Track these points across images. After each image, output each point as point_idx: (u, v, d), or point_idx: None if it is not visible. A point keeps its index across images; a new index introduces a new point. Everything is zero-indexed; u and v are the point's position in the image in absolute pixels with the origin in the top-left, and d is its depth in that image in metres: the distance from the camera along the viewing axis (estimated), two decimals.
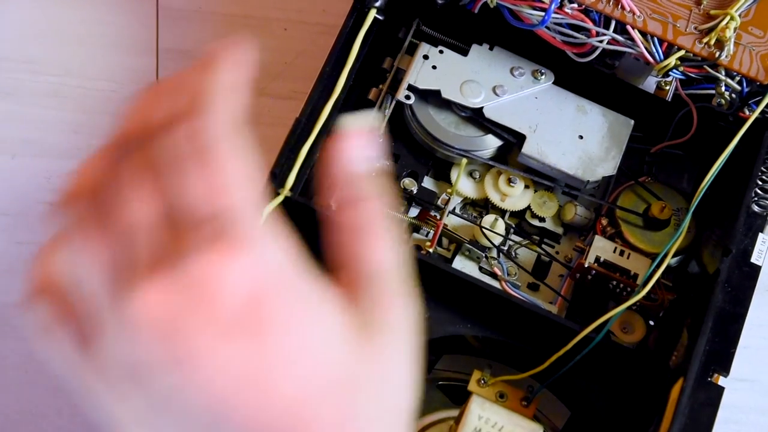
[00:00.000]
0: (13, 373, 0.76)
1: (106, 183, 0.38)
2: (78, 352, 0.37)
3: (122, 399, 0.37)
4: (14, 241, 0.79)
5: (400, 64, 0.75)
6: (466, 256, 0.72)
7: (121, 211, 0.36)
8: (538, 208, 0.74)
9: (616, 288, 0.70)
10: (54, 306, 0.39)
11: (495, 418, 0.64)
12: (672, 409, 0.62)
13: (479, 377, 0.68)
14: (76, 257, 0.37)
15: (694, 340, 0.64)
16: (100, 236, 0.37)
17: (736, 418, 0.77)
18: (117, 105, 0.84)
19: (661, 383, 0.65)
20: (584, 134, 0.73)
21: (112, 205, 0.37)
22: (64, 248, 0.38)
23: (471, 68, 0.74)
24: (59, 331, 0.38)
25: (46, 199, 0.80)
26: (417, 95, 0.73)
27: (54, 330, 0.38)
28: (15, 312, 0.77)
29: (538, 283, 0.72)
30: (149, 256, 0.36)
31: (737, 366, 0.67)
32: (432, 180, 0.75)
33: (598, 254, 0.70)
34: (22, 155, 0.82)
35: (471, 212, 0.74)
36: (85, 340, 0.37)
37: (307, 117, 0.68)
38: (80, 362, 0.38)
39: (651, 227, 0.71)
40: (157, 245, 0.36)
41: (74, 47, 0.85)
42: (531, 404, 0.68)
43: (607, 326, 0.65)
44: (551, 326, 0.66)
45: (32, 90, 0.84)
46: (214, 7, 0.87)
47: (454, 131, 0.73)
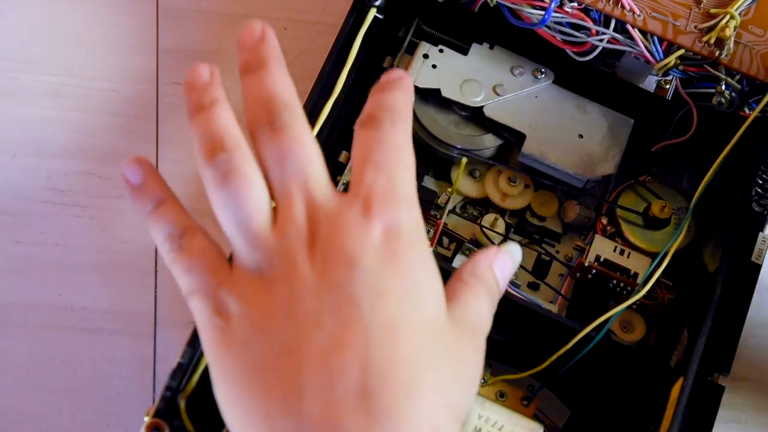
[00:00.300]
0: (12, 373, 0.76)
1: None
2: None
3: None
4: (14, 241, 0.79)
5: (400, 63, 0.75)
6: (466, 255, 0.72)
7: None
8: (539, 207, 0.74)
9: (617, 287, 0.70)
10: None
11: (495, 417, 0.64)
12: (672, 408, 0.62)
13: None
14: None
15: (694, 340, 0.64)
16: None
17: (737, 417, 0.77)
18: (117, 105, 0.84)
19: (661, 383, 0.65)
20: (584, 133, 0.73)
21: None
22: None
23: (471, 67, 0.74)
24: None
25: (46, 199, 0.80)
26: (417, 94, 0.73)
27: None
28: (15, 312, 0.77)
29: (538, 282, 0.72)
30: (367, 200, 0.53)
31: (738, 366, 0.67)
32: (432, 179, 0.75)
33: (598, 253, 0.70)
34: (22, 155, 0.82)
35: (471, 211, 0.74)
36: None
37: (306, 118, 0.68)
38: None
39: (651, 226, 0.71)
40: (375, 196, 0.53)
41: (74, 47, 0.85)
42: (531, 403, 0.68)
43: (607, 325, 0.65)
44: (551, 325, 0.66)
45: (32, 90, 0.84)
46: (214, 7, 0.87)
47: (454, 130, 0.73)
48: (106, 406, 0.75)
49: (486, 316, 0.57)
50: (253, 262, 0.53)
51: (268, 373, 0.51)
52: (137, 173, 0.56)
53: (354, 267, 0.52)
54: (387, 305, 0.51)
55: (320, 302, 0.51)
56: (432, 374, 0.52)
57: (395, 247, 0.53)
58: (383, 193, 0.53)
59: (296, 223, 0.53)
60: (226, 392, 0.52)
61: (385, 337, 0.51)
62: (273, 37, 0.59)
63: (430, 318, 0.53)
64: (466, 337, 0.55)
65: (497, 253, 0.59)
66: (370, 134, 0.55)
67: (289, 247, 0.53)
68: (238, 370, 0.52)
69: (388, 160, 0.54)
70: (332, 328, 0.51)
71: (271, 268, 0.53)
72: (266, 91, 0.55)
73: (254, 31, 0.59)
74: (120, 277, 0.79)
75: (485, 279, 0.58)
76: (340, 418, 0.49)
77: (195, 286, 0.54)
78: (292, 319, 0.51)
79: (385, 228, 0.53)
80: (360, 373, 0.50)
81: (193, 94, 0.57)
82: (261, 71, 0.56)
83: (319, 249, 0.52)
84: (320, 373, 0.50)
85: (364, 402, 0.49)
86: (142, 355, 0.77)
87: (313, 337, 0.51)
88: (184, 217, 0.56)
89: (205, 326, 0.53)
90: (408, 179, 0.55)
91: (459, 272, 0.57)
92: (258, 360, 0.51)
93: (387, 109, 0.56)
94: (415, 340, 0.52)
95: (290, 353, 0.51)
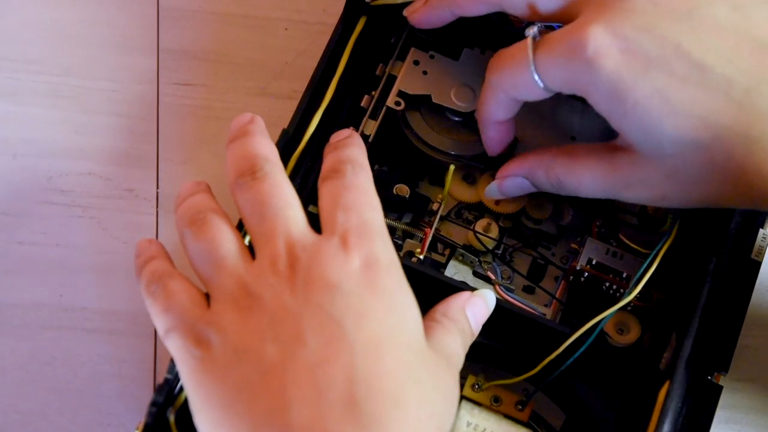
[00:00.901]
0: (13, 373, 0.76)
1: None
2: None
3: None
4: (14, 241, 0.80)
5: (392, 70, 0.75)
6: (459, 260, 0.72)
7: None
8: (533, 210, 0.73)
9: (610, 290, 0.70)
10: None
11: (484, 424, 0.64)
12: (658, 412, 0.62)
13: (473, 382, 0.68)
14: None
15: (681, 342, 0.64)
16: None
17: (736, 418, 0.77)
18: (117, 105, 0.84)
19: (651, 385, 0.64)
20: (576, 135, 0.73)
21: None
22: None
23: (462, 72, 0.74)
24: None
25: (46, 199, 0.81)
26: (408, 101, 0.73)
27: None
28: (15, 312, 0.78)
29: (533, 286, 0.72)
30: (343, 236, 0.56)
31: (738, 366, 0.67)
32: (427, 185, 0.75)
33: (590, 256, 0.70)
34: (23, 155, 0.82)
35: (467, 216, 0.74)
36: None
37: (295, 127, 0.68)
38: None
39: (647, 227, 0.71)
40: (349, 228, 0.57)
41: (74, 47, 0.86)
42: (526, 408, 0.68)
43: (599, 327, 0.65)
44: (542, 330, 0.66)
45: (32, 90, 0.84)
46: (214, 7, 0.87)
47: (446, 136, 0.73)
48: (106, 406, 0.76)
49: (458, 351, 0.59)
50: (230, 293, 0.55)
51: (253, 391, 0.52)
52: (142, 248, 0.62)
53: (336, 291, 0.53)
54: (370, 324, 0.53)
55: (303, 324, 0.52)
56: (416, 387, 0.53)
57: (374, 275, 0.55)
58: (357, 230, 0.56)
59: (276, 256, 0.55)
60: (209, 416, 0.53)
61: (370, 352, 0.52)
62: (261, 120, 0.63)
63: (411, 337, 0.55)
64: (443, 361, 0.57)
65: (470, 297, 0.62)
66: (335, 183, 0.59)
67: (268, 275, 0.54)
68: (222, 393, 0.53)
69: (357, 203, 0.58)
70: (317, 346, 0.52)
71: (250, 296, 0.54)
72: (249, 150, 0.60)
73: (243, 117, 0.63)
74: (120, 277, 0.79)
75: (457, 320, 0.60)
76: (329, 427, 0.50)
77: (173, 323, 0.55)
78: (275, 341, 0.52)
79: (364, 259, 0.55)
80: (347, 384, 0.51)
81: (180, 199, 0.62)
82: (245, 137, 0.61)
83: (300, 278, 0.54)
84: (308, 386, 0.51)
85: (352, 411, 0.50)
86: (142, 355, 0.77)
87: (297, 354, 0.51)
88: (165, 266, 0.59)
89: (184, 359, 0.54)
90: (377, 218, 0.58)
91: (432, 312, 0.60)
92: (242, 380, 0.52)
93: (346, 161, 0.60)
94: (398, 355, 0.53)
95: (275, 370, 0.52)
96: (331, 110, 0.71)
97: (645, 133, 0.60)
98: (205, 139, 0.83)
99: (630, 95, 0.59)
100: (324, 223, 0.57)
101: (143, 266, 0.60)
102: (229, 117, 0.79)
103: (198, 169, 0.82)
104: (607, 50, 0.59)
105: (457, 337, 0.59)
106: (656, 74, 0.58)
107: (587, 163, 0.65)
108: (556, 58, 0.61)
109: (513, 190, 0.70)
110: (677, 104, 0.58)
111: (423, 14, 0.70)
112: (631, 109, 0.59)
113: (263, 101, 0.84)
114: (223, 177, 0.62)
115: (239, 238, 0.58)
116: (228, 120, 0.71)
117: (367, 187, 0.59)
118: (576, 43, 0.59)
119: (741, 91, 0.58)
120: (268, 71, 0.85)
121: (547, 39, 0.62)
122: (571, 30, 0.60)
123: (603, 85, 0.59)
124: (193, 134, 0.83)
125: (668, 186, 0.62)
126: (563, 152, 0.67)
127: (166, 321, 0.56)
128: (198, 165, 0.82)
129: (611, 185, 0.64)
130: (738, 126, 0.58)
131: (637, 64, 0.59)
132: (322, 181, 0.60)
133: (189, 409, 0.56)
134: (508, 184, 0.70)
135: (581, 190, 0.66)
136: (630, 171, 0.62)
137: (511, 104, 0.66)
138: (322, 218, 0.58)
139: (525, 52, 0.62)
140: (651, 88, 0.58)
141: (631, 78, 0.59)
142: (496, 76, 0.65)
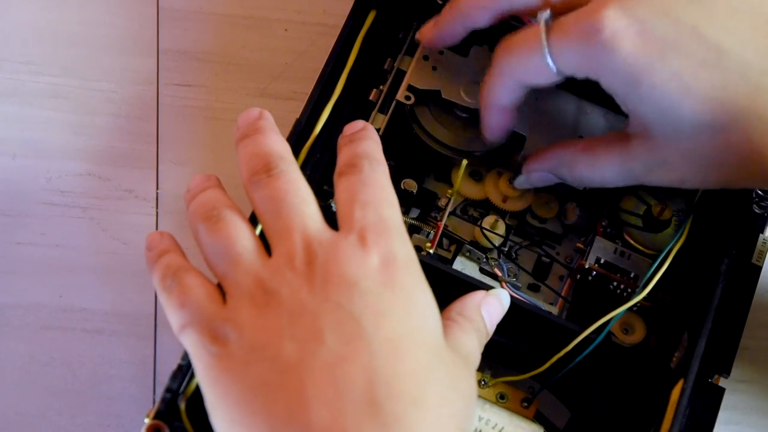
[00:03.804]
0: (13, 373, 0.76)
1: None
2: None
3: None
4: (14, 241, 0.79)
5: (401, 65, 0.75)
6: (466, 257, 0.72)
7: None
8: (539, 209, 0.74)
9: (617, 289, 0.70)
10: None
11: (495, 419, 0.64)
12: (672, 410, 0.62)
13: (480, 378, 0.68)
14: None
15: (694, 342, 0.64)
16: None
17: (737, 419, 0.77)
18: (117, 105, 0.84)
19: (661, 384, 0.65)
20: (584, 135, 0.73)
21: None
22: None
23: (471, 69, 0.74)
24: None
25: (46, 200, 0.80)
26: (417, 96, 0.73)
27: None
28: (15, 312, 0.77)
29: (538, 284, 0.72)
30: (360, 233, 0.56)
31: (738, 367, 0.67)
32: (433, 181, 0.75)
33: (598, 255, 0.70)
34: (23, 156, 0.82)
35: (472, 213, 0.74)
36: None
37: (306, 118, 0.68)
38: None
39: (651, 228, 0.71)
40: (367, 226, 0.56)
41: (74, 47, 0.85)
42: (531, 405, 0.68)
43: (608, 327, 0.65)
44: (551, 327, 0.66)
45: (32, 90, 0.84)
46: (214, 8, 0.87)
47: (454, 132, 0.73)
48: (106, 407, 0.76)
49: (475, 350, 0.59)
50: (247, 290, 0.54)
51: (270, 390, 0.51)
52: (154, 241, 0.60)
53: (354, 289, 0.53)
54: (389, 323, 0.52)
55: (321, 322, 0.52)
56: (436, 387, 0.52)
57: (393, 272, 0.54)
58: (375, 226, 0.56)
59: (293, 252, 0.54)
60: (226, 415, 0.52)
61: (389, 351, 0.52)
62: (270, 115, 0.62)
63: (430, 337, 0.54)
64: (461, 361, 0.56)
65: (486, 297, 0.61)
66: (352, 179, 0.58)
67: (285, 272, 0.54)
68: (239, 391, 0.52)
69: (374, 199, 0.57)
70: (335, 344, 0.51)
71: (267, 293, 0.53)
72: (263, 147, 0.59)
73: (252, 112, 0.62)
74: (120, 278, 0.79)
75: (473, 319, 0.60)
76: (349, 427, 0.49)
77: (188, 318, 0.54)
78: (293, 338, 0.52)
79: (382, 256, 0.54)
80: (367, 383, 0.50)
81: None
82: (256, 134, 0.60)
83: (318, 275, 0.53)
84: (327, 385, 0.50)
85: (372, 411, 0.50)
86: (142, 356, 0.77)
87: (316, 353, 0.51)
88: (180, 260, 0.58)
89: (200, 355, 0.54)
90: (395, 215, 0.57)
91: (447, 311, 0.59)
92: (259, 378, 0.52)
93: (363, 156, 0.59)
94: (418, 355, 0.53)
95: (293, 369, 0.51)
96: (339, 104, 0.71)
97: (662, 116, 0.60)
98: (204, 139, 0.82)
99: (647, 79, 0.59)
100: (341, 219, 0.57)
101: (156, 260, 0.59)
102: (229, 118, 0.79)
103: (198, 170, 0.81)
104: (624, 33, 0.59)
105: (473, 336, 0.59)
106: (673, 57, 0.59)
107: (606, 156, 0.65)
108: (571, 42, 0.61)
109: (541, 182, 0.71)
110: (695, 87, 0.59)
111: (435, 34, 0.70)
112: (648, 93, 0.59)
113: (263, 102, 0.84)
114: (224, 177, 0.61)
115: (254, 234, 0.57)
116: (228, 121, 0.71)
117: (384, 183, 0.59)
118: (591, 26, 0.59)
119: (758, 73, 0.59)
120: (268, 72, 0.85)
121: (560, 22, 0.62)
122: (586, 13, 0.60)
123: (619, 69, 0.59)
124: (192, 135, 0.83)
125: (686, 168, 0.62)
126: (581, 149, 0.67)
127: (181, 316, 0.55)
128: (198, 165, 0.82)
129: (632, 173, 0.64)
130: (755, 107, 0.58)
131: (654, 48, 0.59)
132: (339, 177, 0.59)
133: (199, 398, 0.55)
134: (535, 178, 0.70)
135: (606, 182, 0.66)
136: (648, 156, 0.63)
137: (518, 90, 0.66)
138: (340, 214, 0.57)
139: (538, 36, 0.62)
140: (668, 71, 0.59)
141: (648, 61, 0.59)
142: (507, 60, 0.65)
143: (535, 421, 0.67)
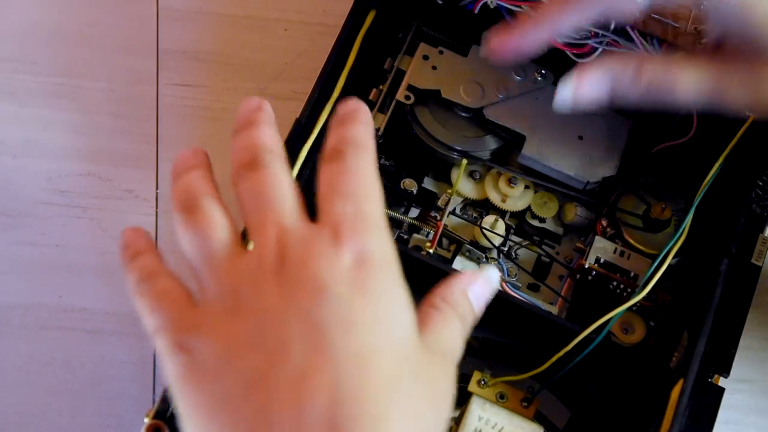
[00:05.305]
0: (13, 374, 0.76)
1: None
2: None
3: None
4: (14, 241, 0.79)
5: (401, 64, 0.75)
6: (466, 256, 0.72)
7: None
8: (539, 208, 0.74)
9: (617, 289, 0.70)
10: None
11: (495, 419, 0.64)
12: (672, 410, 0.62)
13: (479, 378, 0.68)
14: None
15: (694, 342, 0.64)
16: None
17: (737, 419, 0.77)
18: (117, 105, 0.84)
19: (661, 384, 0.65)
20: (584, 135, 0.73)
21: None
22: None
23: (471, 69, 0.74)
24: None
25: (46, 200, 0.80)
26: (417, 95, 0.73)
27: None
28: (15, 312, 0.77)
29: (538, 284, 0.72)
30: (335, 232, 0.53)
31: (738, 367, 0.67)
32: (432, 181, 0.75)
33: (598, 255, 0.70)
34: (23, 156, 0.82)
35: (471, 213, 0.74)
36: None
37: (306, 117, 0.68)
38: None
39: (651, 228, 0.71)
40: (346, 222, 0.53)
41: (74, 47, 0.85)
42: (531, 405, 0.68)
43: (608, 327, 0.65)
44: (551, 327, 0.66)
45: (32, 90, 0.84)
46: (214, 8, 0.87)
47: (454, 132, 0.73)
48: (105, 407, 0.76)
49: (457, 342, 0.56)
50: (218, 293, 0.53)
51: (236, 405, 0.51)
52: (129, 239, 0.58)
53: (322, 294, 0.51)
54: (357, 334, 0.51)
55: (287, 330, 0.51)
56: (404, 402, 0.51)
57: (365, 274, 0.52)
58: (352, 221, 0.53)
59: (266, 249, 0.53)
60: (195, 426, 0.52)
61: (355, 366, 0.50)
62: (269, 107, 0.59)
63: (400, 345, 0.53)
64: (437, 361, 0.55)
65: (472, 278, 0.59)
66: (333, 167, 0.55)
67: (256, 273, 0.52)
68: (206, 403, 0.52)
69: (355, 190, 0.54)
70: (300, 357, 0.50)
71: (236, 297, 0.53)
72: (251, 141, 0.57)
73: (251, 102, 0.59)
74: (120, 278, 0.78)
75: (457, 304, 0.57)
76: None
77: (158, 323, 0.54)
78: (257, 350, 0.51)
79: (355, 255, 0.52)
80: (329, 403, 0.49)
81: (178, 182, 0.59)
82: (250, 128, 0.58)
83: (288, 276, 0.52)
84: (289, 404, 0.50)
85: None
86: (142, 356, 0.77)
87: (280, 367, 0.50)
88: (155, 263, 0.56)
89: (169, 362, 0.53)
90: (375, 207, 0.55)
91: (431, 298, 0.57)
92: (225, 392, 0.51)
93: (349, 142, 0.56)
94: (385, 368, 0.51)
95: (258, 384, 0.50)
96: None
97: None
98: (204, 139, 0.83)
99: None
100: (319, 211, 0.54)
101: (131, 260, 0.58)
102: (229, 118, 0.78)
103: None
104: None
105: (456, 325, 0.57)
106: None
107: (690, 61, 0.62)
108: None
109: (590, 96, 0.63)
110: None
111: (515, 43, 0.63)
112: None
113: None
114: (224, 177, 0.61)
115: (232, 225, 0.55)
116: (228, 121, 0.70)
117: (367, 173, 0.56)
118: None
119: None
120: (268, 72, 0.85)
121: None
122: None
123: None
124: (192, 135, 0.83)
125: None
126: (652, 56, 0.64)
127: (152, 321, 0.55)
128: None
129: (718, 86, 0.61)
130: None
131: None
132: (322, 164, 0.56)
133: None
134: (586, 89, 0.64)
135: (677, 91, 0.62)
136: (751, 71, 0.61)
137: (586, 18, 0.62)
138: (318, 205, 0.55)
139: None
140: None
141: None
142: None
143: (535, 420, 0.67)
